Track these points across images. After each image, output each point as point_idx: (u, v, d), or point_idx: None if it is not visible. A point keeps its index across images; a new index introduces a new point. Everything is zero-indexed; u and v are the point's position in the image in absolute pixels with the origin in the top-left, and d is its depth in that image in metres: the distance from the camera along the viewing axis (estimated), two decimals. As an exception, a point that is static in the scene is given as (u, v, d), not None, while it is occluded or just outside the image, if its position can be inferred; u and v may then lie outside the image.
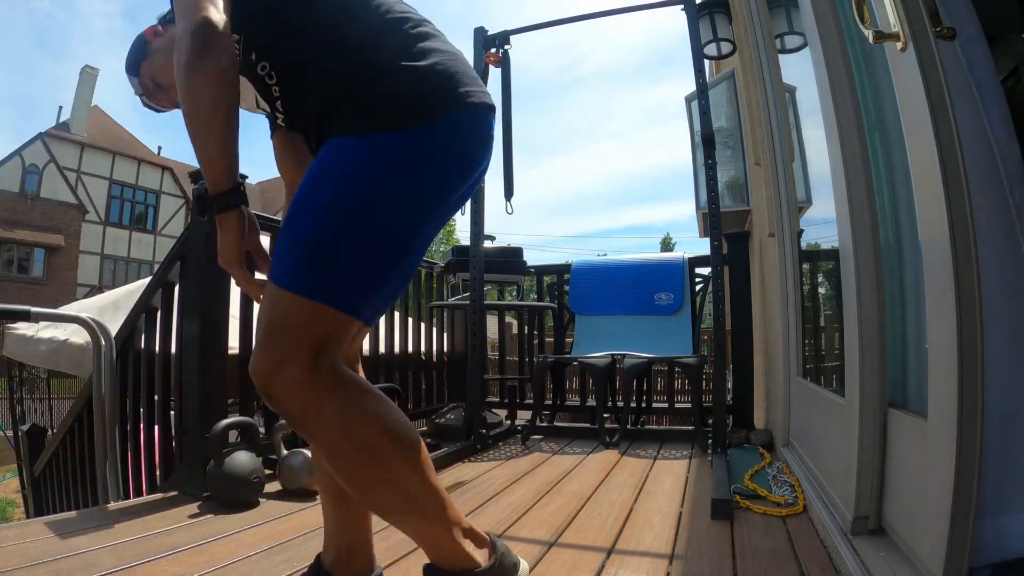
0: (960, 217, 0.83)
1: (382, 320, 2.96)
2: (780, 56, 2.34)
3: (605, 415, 2.85)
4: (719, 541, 1.37)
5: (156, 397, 2.05)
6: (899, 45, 0.90)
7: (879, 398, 1.18)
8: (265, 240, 2.42)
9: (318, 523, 1.51)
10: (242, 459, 1.70)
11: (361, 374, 1.01)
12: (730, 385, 2.89)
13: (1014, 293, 0.90)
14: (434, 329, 3.51)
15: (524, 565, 0.99)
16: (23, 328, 4.04)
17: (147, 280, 2.38)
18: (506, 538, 1.41)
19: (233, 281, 1.93)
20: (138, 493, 2.16)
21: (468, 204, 2.80)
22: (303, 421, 0.78)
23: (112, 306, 3.89)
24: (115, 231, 20.51)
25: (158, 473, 2.07)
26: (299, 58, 0.87)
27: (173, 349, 1.96)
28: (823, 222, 1.88)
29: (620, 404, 2.94)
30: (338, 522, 1.00)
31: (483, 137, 0.90)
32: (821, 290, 2.26)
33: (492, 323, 5.08)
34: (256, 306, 0.79)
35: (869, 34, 0.93)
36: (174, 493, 1.76)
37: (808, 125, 2.03)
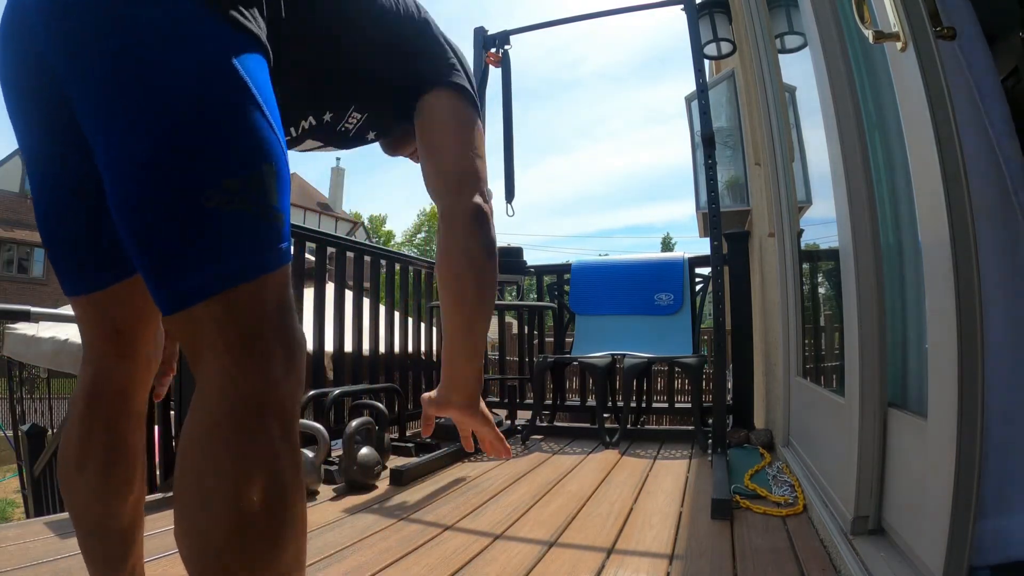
0: (960, 217, 0.83)
1: (382, 320, 2.96)
2: (780, 56, 2.34)
3: (605, 415, 2.85)
4: (719, 541, 1.37)
5: (156, 397, 2.05)
6: (899, 45, 0.90)
7: (879, 398, 1.18)
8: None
9: (318, 523, 1.51)
10: (242, 459, 1.69)
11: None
12: (730, 385, 2.89)
13: (1014, 293, 0.90)
14: (434, 329, 3.51)
15: None
16: (25, 328, 4.04)
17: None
18: (506, 538, 1.41)
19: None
20: (138, 493, 2.16)
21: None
22: None
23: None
24: (115, 231, 20.54)
25: (158, 473, 2.07)
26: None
27: (173, 349, 1.96)
28: (823, 222, 1.88)
29: (620, 404, 2.94)
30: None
31: None
32: (821, 290, 2.26)
33: (492, 323, 5.08)
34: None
35: (869, 34, 0.93)
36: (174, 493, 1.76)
37: (808, 125, 2.03)
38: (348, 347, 2.65)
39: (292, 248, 0.61)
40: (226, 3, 0.55)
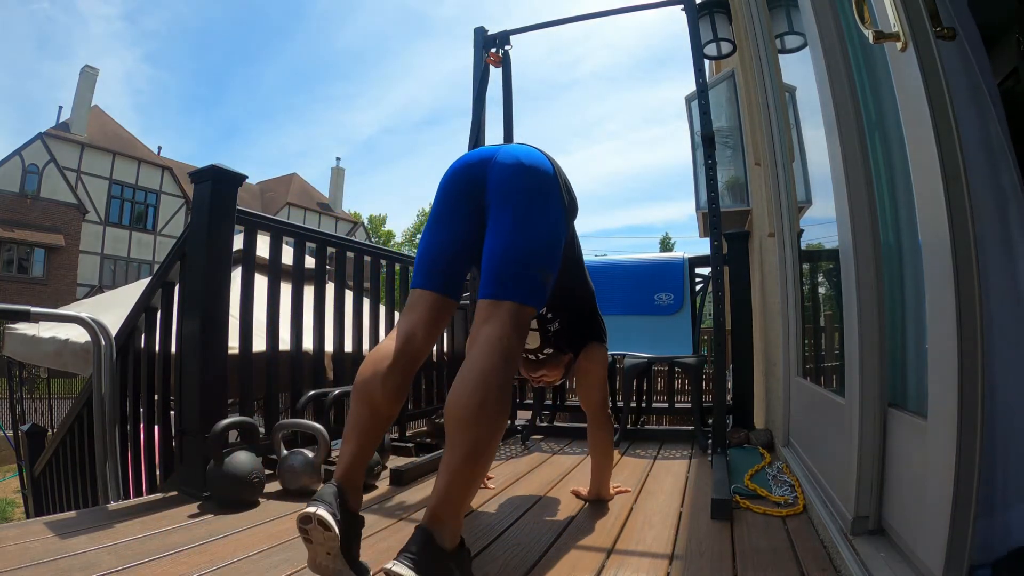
0: (960, 217, 0.83)
1: (382, 320, 2.96)
2: (780, 56, 2.34)
3: (605, 415, 2.83)
4: (719, 541, 1.37)
5: (156, 397, 2.05)
6: (899, 45, 0.90)
7: (879, 398, 1.18)
8: (264, 239, 2.40)
9: (318, 523, 1.51)
10: (242, 459, 1.69)
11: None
12: (730, 385, 2.89)
13: (1014, 293, 0.90)
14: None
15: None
16: (25, 328, 4.03)
17: (147, 280, 2.38)
18: (506, 537, 1.41)
19: (233, 281, 1.95)
20: (138, 493, 2.17)
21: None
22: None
23: (104, 305, 3.89)
24: (115, 231, 20.53)
25: (158, 473, 2.07)
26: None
27: (173, 349, 1.96)
28: (823, 222, 1.87)
29: (620, 404, 2.95)
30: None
31: None
32: (821, 290, 2.25)
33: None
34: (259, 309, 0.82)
35: (869, 34, 0.93)
36: (174, 493, 1.76)
37: (808, 125, 2.03)
38: (348, 347, 2.64)
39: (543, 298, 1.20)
40: (571, 218, 1.34)
